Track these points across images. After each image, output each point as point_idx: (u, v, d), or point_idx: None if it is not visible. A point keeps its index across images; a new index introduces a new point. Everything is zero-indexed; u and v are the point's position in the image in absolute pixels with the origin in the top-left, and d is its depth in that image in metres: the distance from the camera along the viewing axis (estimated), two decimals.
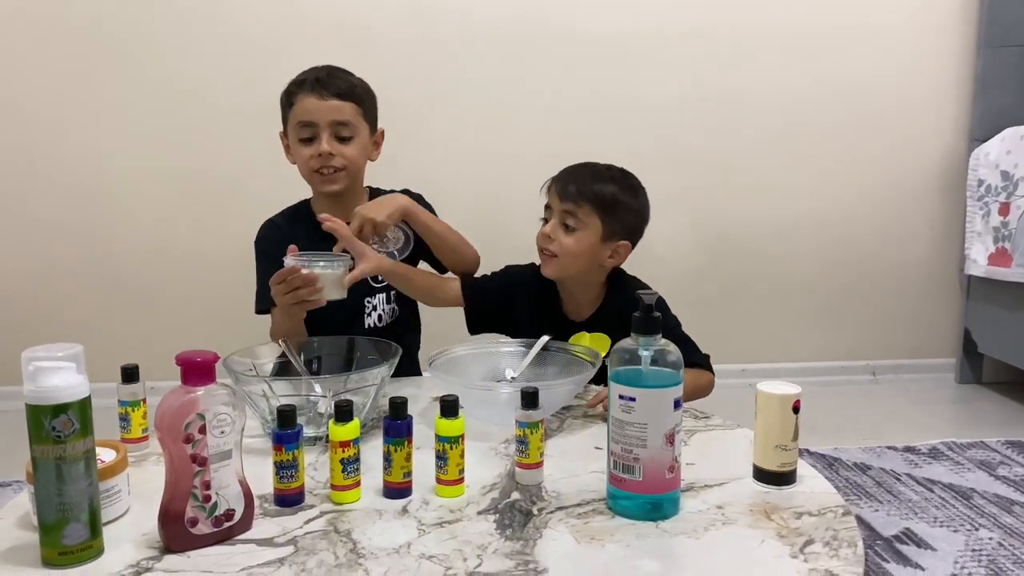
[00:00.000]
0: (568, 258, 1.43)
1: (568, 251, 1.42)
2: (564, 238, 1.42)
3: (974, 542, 1.54)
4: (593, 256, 1.45)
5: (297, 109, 1.52)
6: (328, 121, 1.51)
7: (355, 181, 1.59)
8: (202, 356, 0.86)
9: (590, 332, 1.47)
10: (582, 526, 0.91)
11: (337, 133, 1.52)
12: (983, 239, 2.46)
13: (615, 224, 1.43)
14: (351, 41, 2.36)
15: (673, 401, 0.92)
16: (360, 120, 1.55)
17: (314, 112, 1.51)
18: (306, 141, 1.53)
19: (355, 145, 1.54)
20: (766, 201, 2.62)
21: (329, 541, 0.88)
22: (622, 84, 2.50)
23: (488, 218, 2.37)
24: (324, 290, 1.34)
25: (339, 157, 1.52)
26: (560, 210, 1.43)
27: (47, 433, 0.79)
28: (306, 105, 1.51)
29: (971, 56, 2.59)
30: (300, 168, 1.57)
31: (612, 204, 1.43)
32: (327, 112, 1.51)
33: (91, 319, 2.42)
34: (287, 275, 1.32)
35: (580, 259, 1.44)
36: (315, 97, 1.50)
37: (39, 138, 2.37)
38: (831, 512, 0.95)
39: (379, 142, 1.63)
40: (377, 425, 1.18)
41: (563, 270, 1.46)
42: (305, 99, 1.51)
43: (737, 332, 2.65)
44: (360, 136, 1.55)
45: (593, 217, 1.42)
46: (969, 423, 2.34)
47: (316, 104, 1.50)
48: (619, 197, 1.44)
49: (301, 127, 1.52)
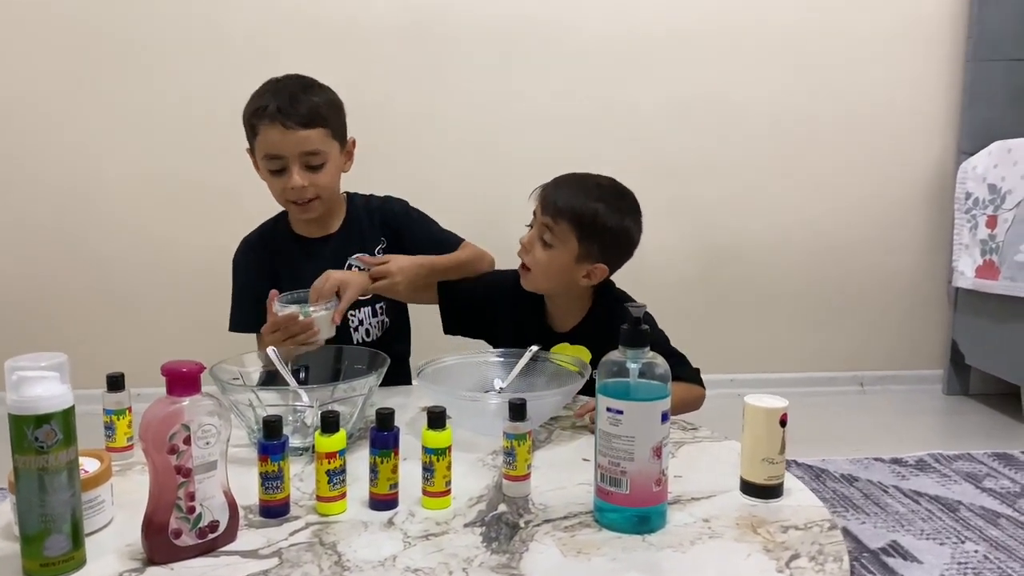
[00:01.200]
0: (539, 273, 1.39)
1: (540, 266, 1.38)
2: (539, 252, 1.38)
3: (960, 555, 1.55)
4: (566, 275, 1.39)
5: (262, 140, 1.45)
6: (296, 153, 1.44)
7: (331, 200, 1.56)
8: (187, 366, 0.85)
9: (572, 344, 1.43)
10: (569, 539, 0.91)
11: (307, 163, 1.46)
12: (970, 252, 2.48)
13: (591, 246, 1.36)
14: (346, 47, 2.36)
15: (661, 414, 0.92)
16: (329, 141, 1.48)
17: (280, 145, 1.44)
18: (276, 173, 1.47)
19: (327, 170, 1.49)
20: (755, 212, 2.63)
21: (314, 553, 0.87)
22: (614, 91, 2.51)
23: (483, 222, 2.37)
24: (320, 332, 1.34)
25: (312, 187, 1.47)
26: (540, 222, 1.39)
27: (29, 443, 0.79)
28: (271, 137, 1.44)
29: (959, 69, 2.61)
30: (275, 195, 1.52)
31: (591, 225, 1.36)
32: (294, 144, 1.44)
33: (78, 325, 2.41)
34: (284, 323, 1.31)
35: (552, 276, 1.40)
36: (279, 128, 1.42)
37: (25, 144, 2.36)
38: (817, 526, 0.95)
39: (351, 151, 1.57)
40: (365, 435, 1.17)
41: (537, 285, 1.42)
42: (269, 131, 1.43)
43: (726, 342, 2.66)
44: (331, 159, 1.49)
45: (570, 236, 1.36)
46: (956, 435, 2.36)
47: (282, 136, 1.43)
48: (600, 218, 1.36)
49: (269, 159, 1.46)
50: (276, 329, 1.32)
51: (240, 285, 1.60)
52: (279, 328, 1.32)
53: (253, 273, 1.57)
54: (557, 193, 1.38)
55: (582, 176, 1.43)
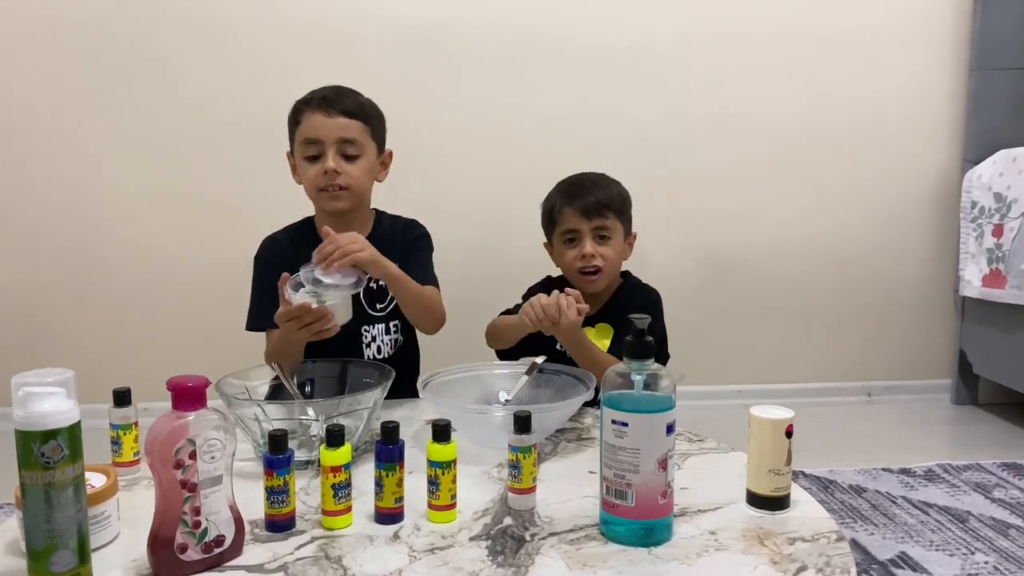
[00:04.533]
0: (612, 268, 1.59)
1: (611, 262, 1.58)
2: (605, 251, 1.57)
3: (970, 566, 1.54)
4: (622, 256, 1.62)
5: (304, 126, 1.51)
6: (334, 138, 1.49)
7: (360, 201, 1.57)
8: (193, 381, 0.85)
9: (593, 327, 1.55)
10: (574, 552, 0.91)
11: (343, 151, 1.50)
12: (977, 260, 2.47)
13: (627, 222, 1.63)
14: (350, 60, 2.37)
15: (666, 426, 0.92)
16: (367, 139, 1.53)
17: (320, 129, 1.49)
18: (312, 159, 1.51)
19: (361, 164, 1.52)
20: (761, 221, 2.62)
21: (320, 568, 0.87)
22: (617, 102, 2.52)
23: (487, 234, 2.38)
24: (335, 318, 1.33)
25: (344, 175, 1.50)
26: (591, 228, 1.57)
27: (36, 459, 0.79)
28: (313, 122, 1.50)
29: (964, 78, 2.61)
30: (306, 187, 1.55)
31: (623, 203, 1.61)
32: (333, 129, 1.49)
33: (84, 339, 2.42)
34: (298, 313, 1.30)
35: (618, 264, 1.61)
36: (322, 114, 1.50)
37: (32, 157, 2.37)
38: (824, 538, 0.95)
39: (387, 163, 1.61)
40: (371, 448, 1.17)
41: (608, 281, 1.59)
42: (312, 116, 1.50)
43: (732, 352, 2.65)
44: (367, 155, 1.53)
45: (616, 222, 1.59)
46: (965, 445, 2.34)
47: (323, 121, 1.49)
48: (624, 194, 1.62)
49: (307, 144, 1.51)
50: (290, 319, 1.31)
51: (261, 282, 1.58)
52: (293, 318, 1.31)
53: (277, 267, 1.55)
54: (590, 198, 1.57)
55: (582, 177, 1.63)
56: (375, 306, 1.57)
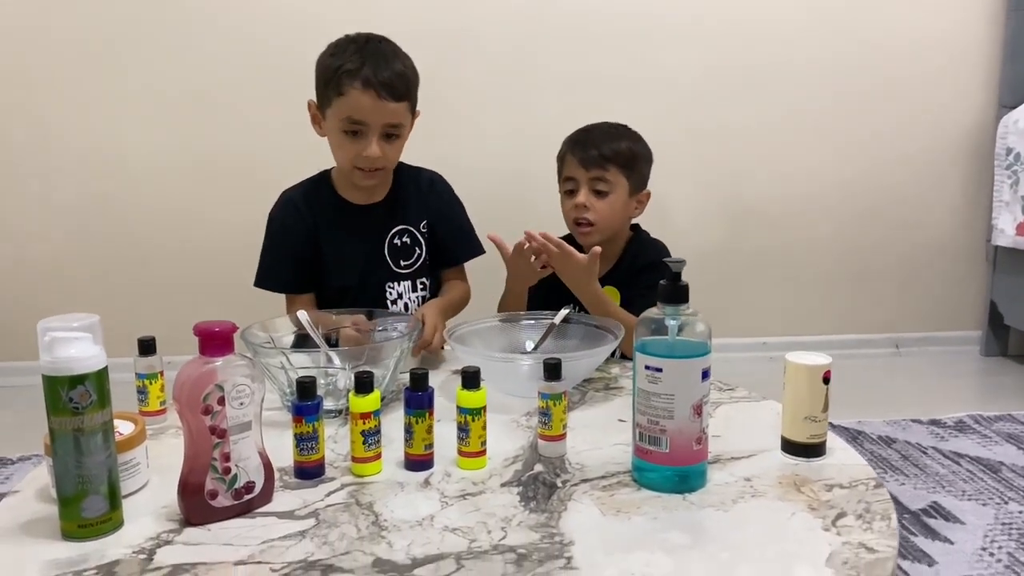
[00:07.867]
0: (605, 223, 1.52)
1: (605, 216, 1.51)
2: (599, 204, 1.51)
3: (1004, 515, 1.52)
4: (625, 213, 1.55)
5: (348, 103, 1.40)
6: (381, 123, 1.42)
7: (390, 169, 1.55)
8: (220, 326, 0.84)
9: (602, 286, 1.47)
10: (607, 498, 0.90)
11: (387, 133, 1.44)
12: (1011, 208, 2.41)
13: (637, 177, 1.54)
14: (369, 20, 2.32)
15: (701, 372, 0.90)
16: (408, 116, 1.47)
17: (369, 114, 1.41)
18: (351, 135, 1.44)
19: (400, 143, 1.48)
20: (789, 172, 2.57)
21: (351, 513, 0.86)
22: (642, 57, 2.46)
23: (510, 195, 2.34)
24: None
25: (383, 158, 1.45)
26: (588, 178, 1.51)
27: (64, 404, 0.78)
28: (361, 103, 1.40)
29: (1000, 19, 2.52)
30: (338, 159, 1.49)
31: (632, 159, 1.53)
32: (383, 115, 1.41)
33: (108, 294, 2.42)
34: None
35: (615, 220, 1.54)
36: (372, 96, 1.39)
37: (57, 117, 2.37)
38: (863, 484, 0.93)
39: (413, 122, 1.55)
40: (397, 398, 1.16)
41: (602, 235, 1.52)
42: (360, 96, 1.39)
43: (759, 305, 2.62)
44: (406, 130, 1.49)
45: (619, 176, 1.51)
46: (995, 396, 2.31)
47: (372, 105, 1.40)
48: (635, 150, 1.54)
49: (350, 122, 1.42)
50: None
51: (274, 241, 1.56)
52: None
53: (291, 231, 1.54)
54: (592, 146, 1.52)
55: (595, 127, 1.57)
56: (399, 263, 1.55)
